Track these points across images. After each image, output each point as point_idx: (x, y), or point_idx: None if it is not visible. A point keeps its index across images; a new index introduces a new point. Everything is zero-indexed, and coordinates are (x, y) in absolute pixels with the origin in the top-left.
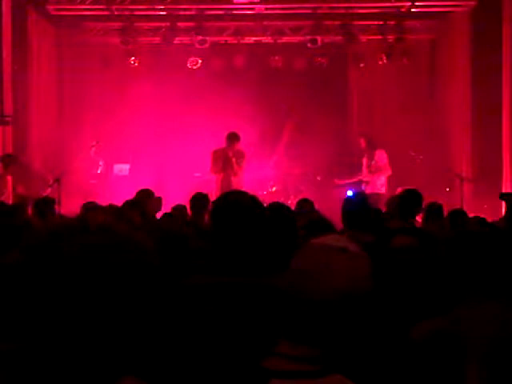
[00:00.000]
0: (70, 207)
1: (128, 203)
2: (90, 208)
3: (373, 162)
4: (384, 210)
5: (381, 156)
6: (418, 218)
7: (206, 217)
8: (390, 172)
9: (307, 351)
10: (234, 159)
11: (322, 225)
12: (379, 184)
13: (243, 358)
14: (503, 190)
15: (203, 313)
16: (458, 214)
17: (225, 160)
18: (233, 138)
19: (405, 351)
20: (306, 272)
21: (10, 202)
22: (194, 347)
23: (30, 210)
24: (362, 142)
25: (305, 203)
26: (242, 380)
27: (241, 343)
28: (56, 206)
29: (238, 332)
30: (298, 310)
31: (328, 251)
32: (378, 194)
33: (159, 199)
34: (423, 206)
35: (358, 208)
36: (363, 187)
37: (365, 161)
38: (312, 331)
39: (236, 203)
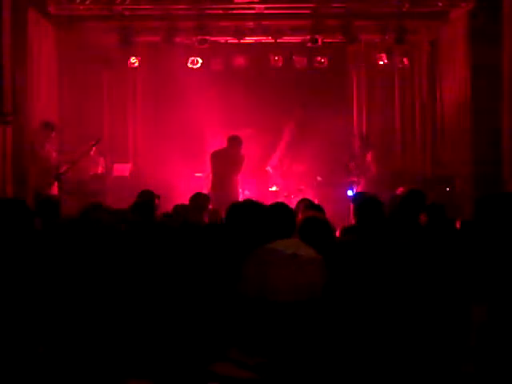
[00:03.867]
0: (70, 207)
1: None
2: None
3: (365, 163)
4: None
5: (371, 157)
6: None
7: (206, 216)
8: (376, 173)
9: (255, 359)
10: (236, 162)
11: (316, 223)
12: (368, 184)
13: (192, 359)
14: (503, 190)
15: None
16: (437, 208)
17: (226, 161)
18: (236, 140)
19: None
20: (254, 277)
21: None
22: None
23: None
24: (356, 142)
25: (305, 203)
26: (186, 381)
27: (190, 345)
28: None
29: (189, 333)
30: (247, 314)
31: (277, 256)
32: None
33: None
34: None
35: (371, 207)
36: (353, 187)
37: (350, 162)
38: (259, 336)
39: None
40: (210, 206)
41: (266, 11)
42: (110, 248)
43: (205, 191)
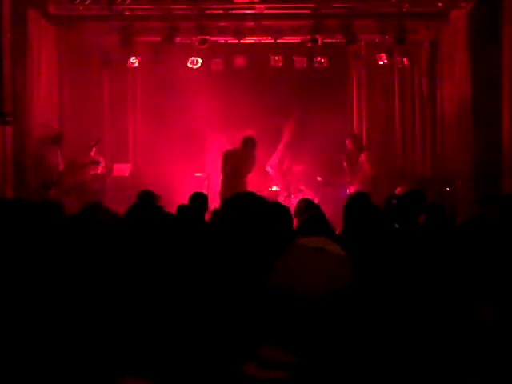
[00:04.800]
0: (70, 207)
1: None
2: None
3: (357, 164)
4: None
5: (365, 158)
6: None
7: (205, 216)
8: (370, 174)
9: (284, 357)
10: (249, 163)
11: (317, 223)
12: (361, 184)
13: (222, 359)
14: (503, 190)
15: (187, 309)
16: (437, 208)
17: (238, 162)
18: (251, 141)
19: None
20: (286, 270)
21: None
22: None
23: None
24: (349, 143)
25: (305, 203)
26: (217, 382)
27: (221, 344)
28: None
29: (219, 333)
30: (279, 308)
31: (306, 251)
32: None
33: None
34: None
35: (362, 208)
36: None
37: (344, 163)
38: (290, 331)
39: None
40: (213, 206)
41: (266, 11)
42: (111, 247)
43: (205, 191)
